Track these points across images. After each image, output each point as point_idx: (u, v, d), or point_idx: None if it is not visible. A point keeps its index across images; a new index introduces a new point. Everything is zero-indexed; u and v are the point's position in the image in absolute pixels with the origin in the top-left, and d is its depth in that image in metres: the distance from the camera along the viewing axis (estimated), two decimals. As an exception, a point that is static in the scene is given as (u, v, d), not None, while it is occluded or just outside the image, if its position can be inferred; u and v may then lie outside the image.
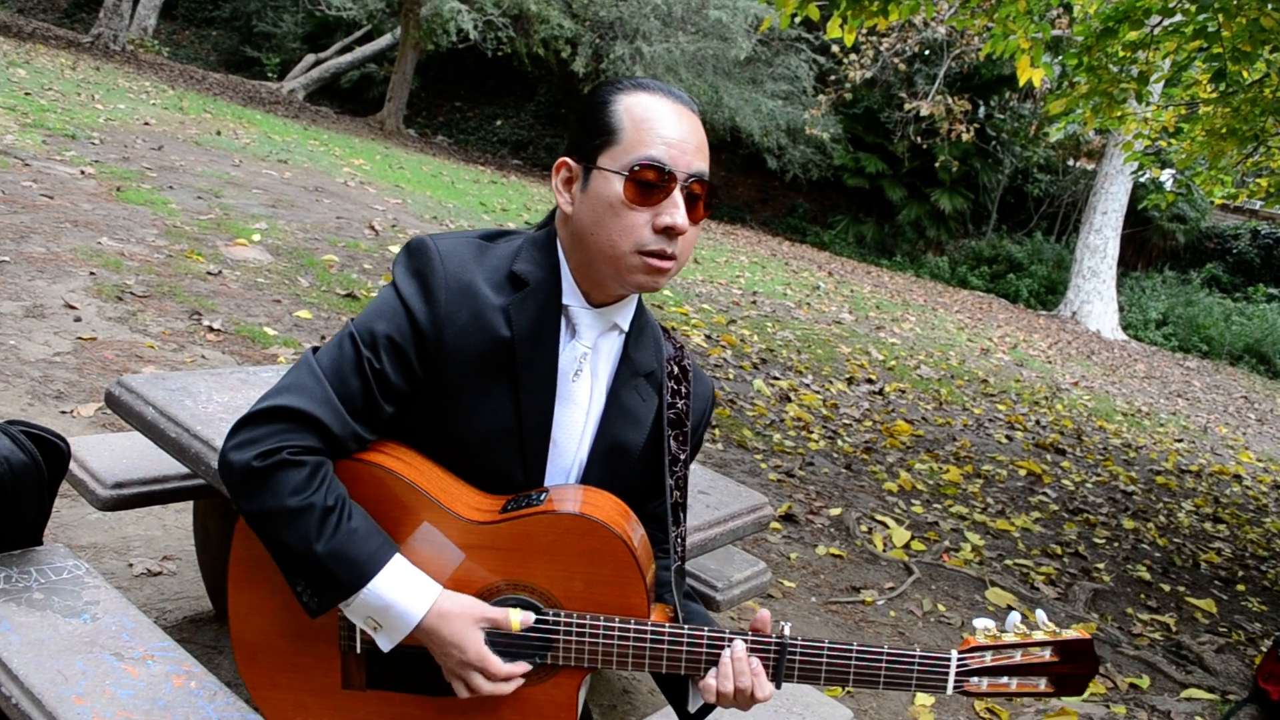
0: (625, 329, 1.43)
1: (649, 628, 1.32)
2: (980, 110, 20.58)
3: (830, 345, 9.49)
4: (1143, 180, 17.49)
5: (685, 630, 1.33)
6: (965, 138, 18.89)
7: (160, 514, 3.17)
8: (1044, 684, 1.34)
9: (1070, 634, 1.34)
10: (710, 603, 2.72)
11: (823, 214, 23.19)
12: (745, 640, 1.33)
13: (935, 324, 13.43)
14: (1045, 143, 21.09)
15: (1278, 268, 20.30)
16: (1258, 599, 5.24)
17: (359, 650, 1.37)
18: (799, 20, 6.07)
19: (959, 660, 1.33)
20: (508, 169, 20.58)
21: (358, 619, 1.30)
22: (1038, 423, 8.55)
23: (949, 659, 1.33)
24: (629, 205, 1.28)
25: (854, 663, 1.33)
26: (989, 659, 1.33)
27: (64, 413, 3.66)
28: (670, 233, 1.29)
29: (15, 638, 1.62)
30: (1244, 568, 5.79)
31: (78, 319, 4.61)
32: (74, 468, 2.23)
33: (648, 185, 1.27)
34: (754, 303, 10.78)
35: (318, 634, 1.36)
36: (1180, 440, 9.65)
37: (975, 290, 20.00)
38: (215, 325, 5.03)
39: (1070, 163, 22.23)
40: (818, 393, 7.40)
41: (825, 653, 1.33)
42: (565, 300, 1.37)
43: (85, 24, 23.71)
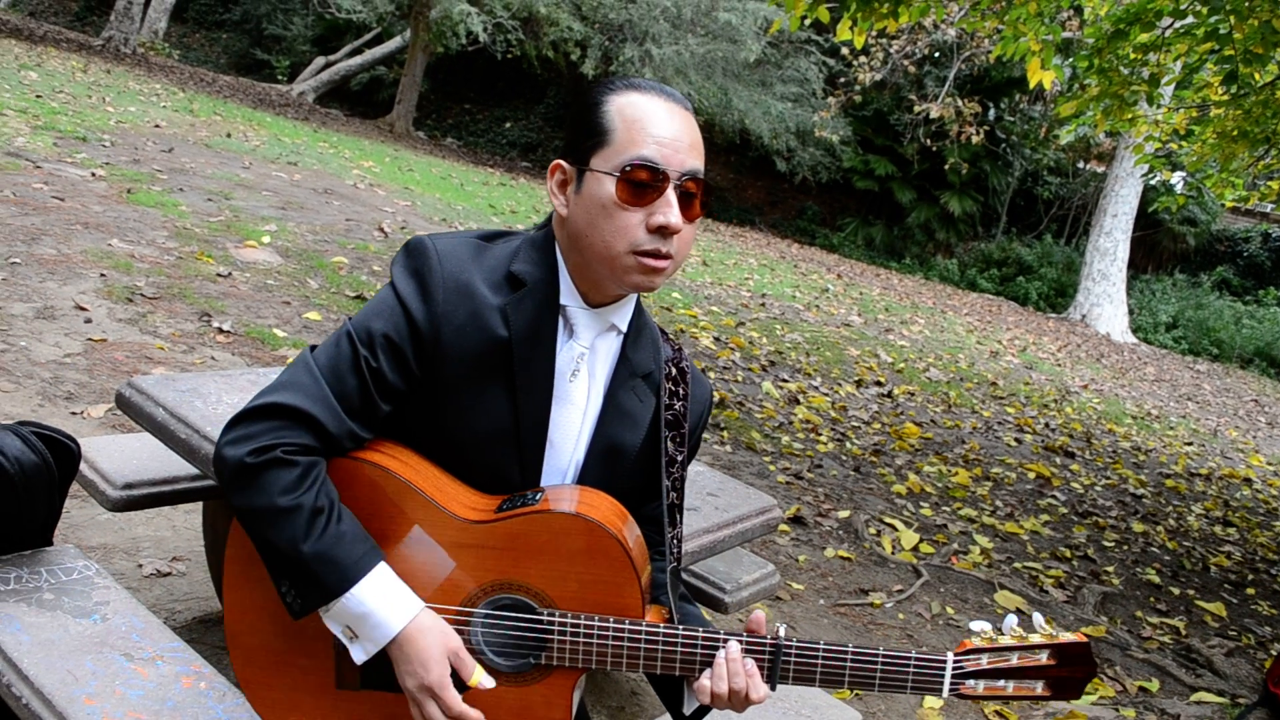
0: (623, 330, 1.43)
1: (643, 628, 1.32)
2: (990, 113, 20.50)
3: (839, 348, 9.47)
4: (1153, 183, 17.43)
5: (680, 631, 1.33)
6: (975, 140, 18.86)
7: (170, 515, 3.19)
8: (1040, 687, 1.33)
9: (1067, 637, 1.32)
10: (719, 605, 2.70)
11: (832, 216, 23.14)
12: (740, 641, 1.33)
13: (944, 326, 13.39)
14: (1055, 145, 20.99)
15: (1289, 271, 20.21)
16: (1268, 603, 5.21)
17: None
18: (809, 22, 6.06)
19: (955, 663, 1.32)
20: (517, 171, 20.60)
21: (335, 627, 1.29)
22: (1047, 425, 8.51)
23: (945, 661, 1.32)
24: (622, 205, 1.28)
25: (849, 664, 1.32)
26: (985, 662, 1.32)
27: (74, 414, 3.68)
28: (664, 232, 1.28)
29: (26, 638, 1.63)
30: (1254, 571, 5.76)
31: (88, 320, 4.64)
32: (84, 468, 2.24)
33: (640, 185, 1.27)
34: (763, 305, 10.77)
35: (312, 633, 1.35)
36: (1190, 443, 9.60)
37: (985, 293, 19.92)
38: (225, 327, 5.06)
39: (1080, 165, 22.11)
40: (826, 395, 7.39)
41: (820, 654, 1.32)
42: (563, 300, 1.37)
43: (96, 27, 23.86)
